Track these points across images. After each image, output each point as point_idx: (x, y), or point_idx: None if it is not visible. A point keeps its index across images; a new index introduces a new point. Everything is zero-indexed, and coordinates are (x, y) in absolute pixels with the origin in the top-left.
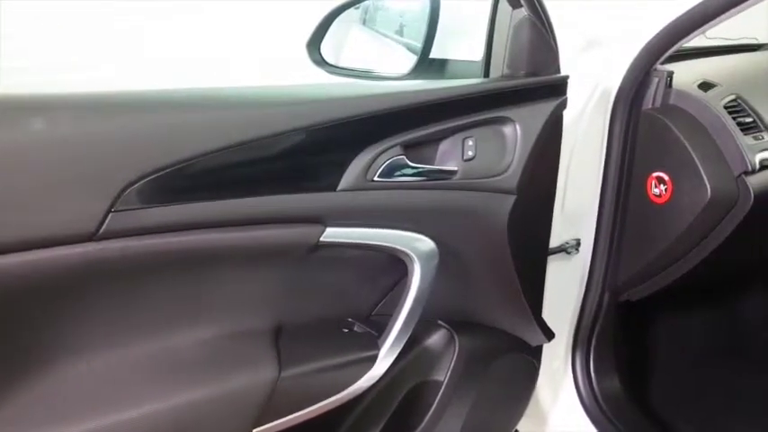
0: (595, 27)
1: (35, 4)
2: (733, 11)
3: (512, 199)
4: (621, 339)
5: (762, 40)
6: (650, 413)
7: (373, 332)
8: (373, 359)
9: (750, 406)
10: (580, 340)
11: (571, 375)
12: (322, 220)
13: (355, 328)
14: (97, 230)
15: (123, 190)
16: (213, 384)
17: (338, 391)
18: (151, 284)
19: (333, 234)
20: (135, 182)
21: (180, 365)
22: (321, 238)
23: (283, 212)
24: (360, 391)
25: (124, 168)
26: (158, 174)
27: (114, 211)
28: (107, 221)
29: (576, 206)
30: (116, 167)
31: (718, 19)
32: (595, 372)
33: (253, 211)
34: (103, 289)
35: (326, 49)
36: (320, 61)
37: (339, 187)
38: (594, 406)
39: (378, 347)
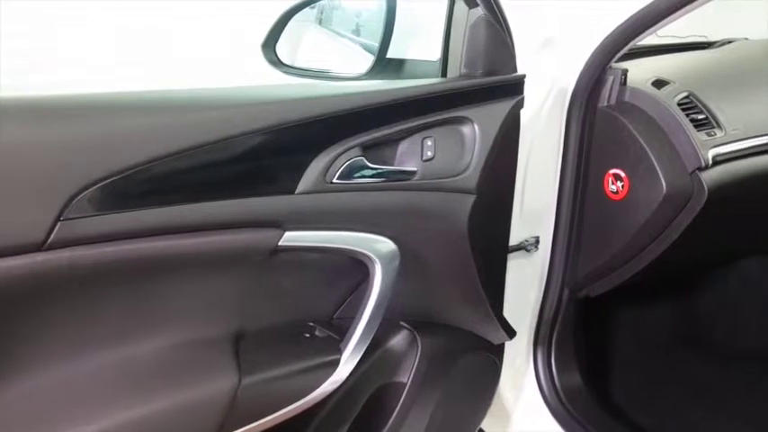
0: (551, 26)
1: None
2: (684, 10)
3: (471, 198)
4: (582, 335)
5: (711, 38)
6: (612, 408)
7: (335, 336)
8: (335, 363)
9: (710, 397)
10: (541, 337)
11: (533, 372)
12: (280, 223)
13: (316, 333)
14: (45, 240)
15: (72, 197)
16: (172, 395)
17: (301, 397)
18: (105, 294)
19: (292, 238)
20: (84, 189)
21: (137, 376)
22: (280, 243)
23: (240, 217)
24: (323, 396)
25: (73, 175)
26: (109, 180)
27: (63, 220)
28: (56, 230)
29: (535, 204)
30: (64, 174)
31: (670, 17)
32: (557, 368)
33: (209, 217)
34: (54, 300)
35: (282, 49)
36: (276, 62)
37: (297, 190)
38: (557, 402)
39: (339, 351)
